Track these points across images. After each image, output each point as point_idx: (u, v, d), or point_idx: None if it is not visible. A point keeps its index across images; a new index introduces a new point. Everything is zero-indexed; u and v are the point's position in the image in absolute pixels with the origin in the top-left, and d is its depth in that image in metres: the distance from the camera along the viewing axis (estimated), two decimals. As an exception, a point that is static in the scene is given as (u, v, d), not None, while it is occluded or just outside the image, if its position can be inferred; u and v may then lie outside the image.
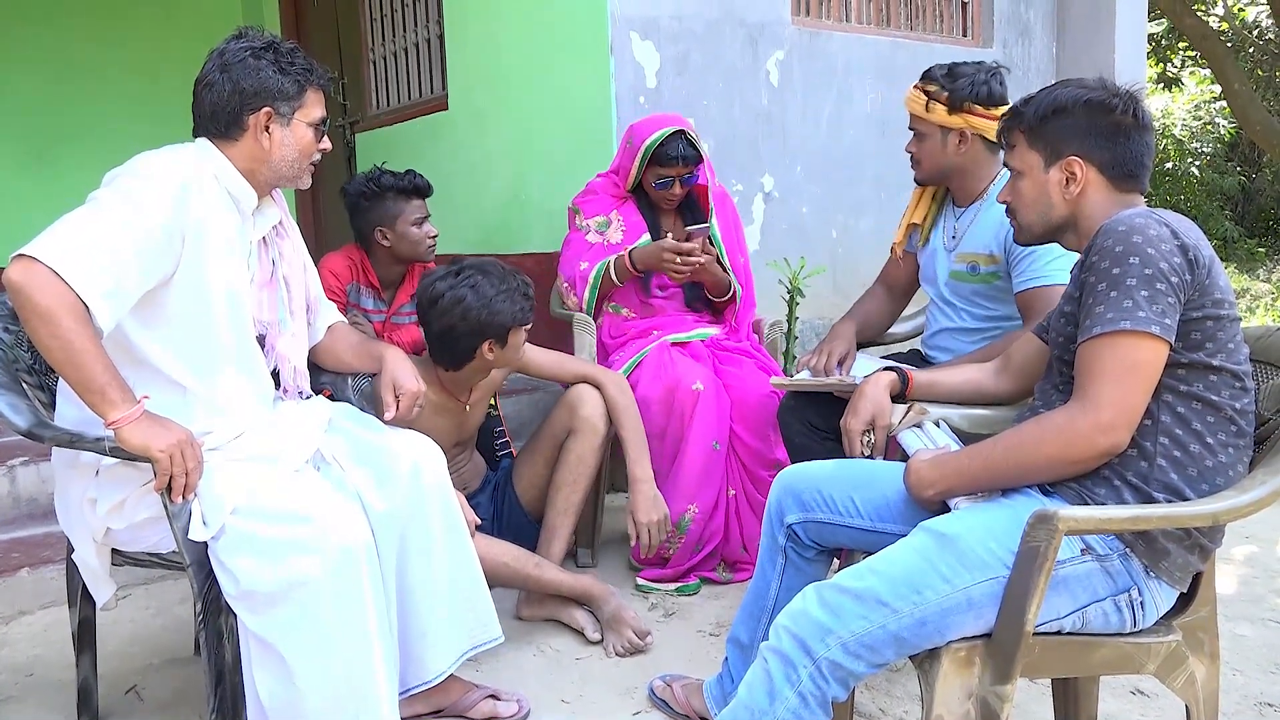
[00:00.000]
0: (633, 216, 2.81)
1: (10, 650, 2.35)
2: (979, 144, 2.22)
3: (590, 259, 2.77)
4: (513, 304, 2.22)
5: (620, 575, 2.69)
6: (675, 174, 2.71)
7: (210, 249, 1.69)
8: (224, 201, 1.74)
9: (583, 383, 2.52)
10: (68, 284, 1.47)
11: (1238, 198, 12.84)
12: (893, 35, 4.43)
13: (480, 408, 2.52)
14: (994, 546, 1.39)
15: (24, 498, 2.76)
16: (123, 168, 1.65)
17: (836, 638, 1.38)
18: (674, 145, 2.67)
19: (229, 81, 1.72)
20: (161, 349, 1.67)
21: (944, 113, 2.20)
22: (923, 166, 2.30)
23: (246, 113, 1.73)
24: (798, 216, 4.06)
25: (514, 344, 2.29)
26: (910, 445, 1.76)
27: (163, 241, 1.61)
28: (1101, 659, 1.45)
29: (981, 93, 2.17)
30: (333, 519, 1.61)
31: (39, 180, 5.49)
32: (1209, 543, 1.45)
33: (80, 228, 1.53)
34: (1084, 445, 1.39)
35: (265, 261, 1.86)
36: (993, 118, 2.15)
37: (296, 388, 1.93)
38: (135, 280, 1.57)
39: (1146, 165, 1.56)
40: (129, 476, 1.66)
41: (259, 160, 1.77)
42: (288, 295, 1.91)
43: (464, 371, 2.31)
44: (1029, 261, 2.13)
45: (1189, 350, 1.41)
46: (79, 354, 1.48)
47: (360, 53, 5.12)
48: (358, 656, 1.60)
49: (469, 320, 2.19)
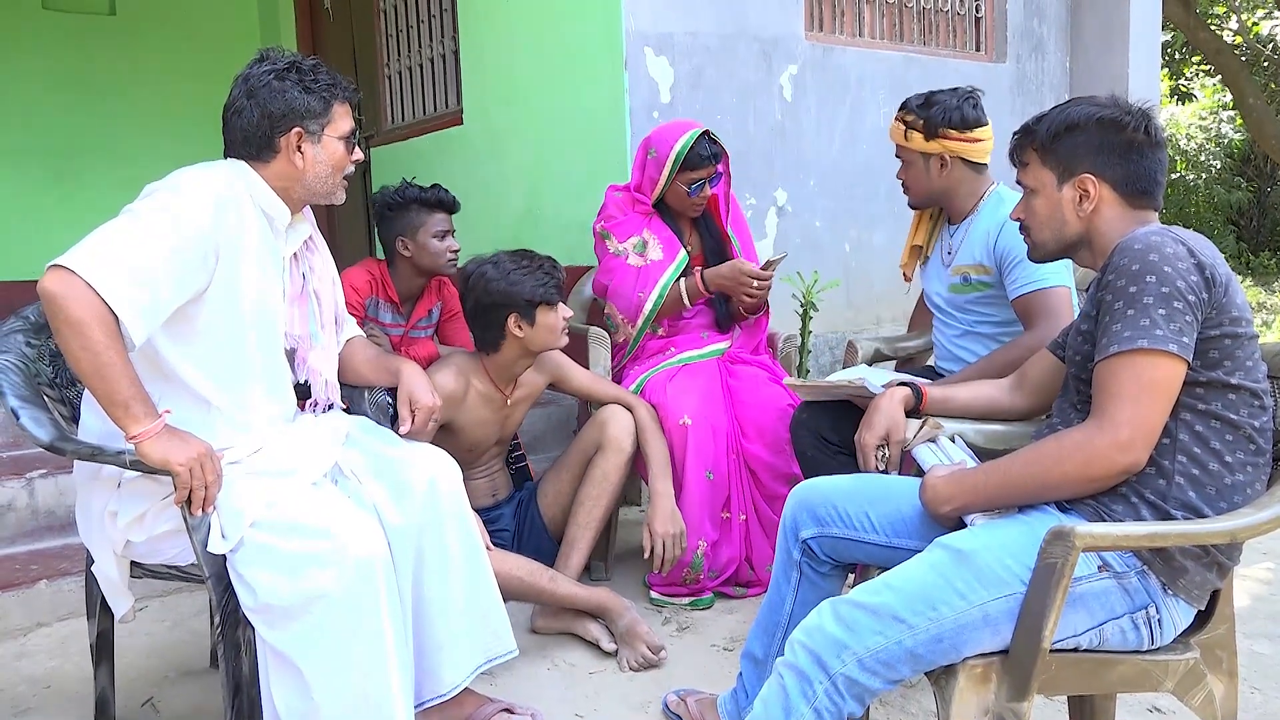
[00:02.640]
0: (664, 232, 2.79)
1: (29, 661, 2.36)
2: (960, 165, 2.31)
3: (645, 286, 2.73)
4: (532, 278, 2.31)
5: (634, 589, 2.70)
6: (706, 174, 2.70)
7: (243, 265, 1.71)
8: (257, 218, 1.76)
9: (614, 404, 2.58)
10: (101, 296, 1.49)
11: (1252, 212, 12.78)
12: (906, 50, 4.44)
13: (520, 409, 2.57)
14: (1011, 563, 1.39)
15: (43, 510, 2.78)
16: (161, 182, 1.66)
17: (852, 654, 1.38)
18: (703, 144, 2.68)
19: (256, 107, 1.74)
20: (190, 364, 1.69)
21: (921, 140, 2.29)
22: (912, 192, 2.40)
23: (277, 135, 1.75)
24: (811, 230, 4.07)
25: (544, 324, 2.33)
26: (926, 460, 1.75)
27: (197, 256, 1.62)
28: (1119, 676, 1.44)
29: (954, 118, 2.26)
30: (350, 533, 1.62)
31: (59, 196, 5.56)
32: (1227, 560, 1.44)
33: (116, 240, 1.54)
34: (1102, 464, 1.38)
35: (296, 276, 1.89)
36: (969, 140, 2.26)
37: (327, 400, 1.96)
38: (168, 294, 1.59)
39: (1160, 182, 1.56)
40: (150, 490, 1.67)
41: (293, 179, 1.79)
42: (318, 309, 1.93)
43: (503, 355, 2.39)
44: (1021, 268, 2.18)
45: (1207, 369, 1.40)
46: (106, 367, 1.50)
47: (376, 68, 5.17)
48: (374, 670, 1.60)
49: (490, 292, 2.30)
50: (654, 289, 2.72)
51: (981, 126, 2.28)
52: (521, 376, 2.50)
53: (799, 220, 4.02)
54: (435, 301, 2.99)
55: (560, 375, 2.58)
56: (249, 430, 1.76)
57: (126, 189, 1.70)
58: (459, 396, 2.37)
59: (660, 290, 2.72)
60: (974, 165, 2.31)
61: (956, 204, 2.35)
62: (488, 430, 2.49)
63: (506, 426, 2.56)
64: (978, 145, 2.29)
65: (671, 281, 2.73)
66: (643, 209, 2.81)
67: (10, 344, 1.82)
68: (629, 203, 2.83)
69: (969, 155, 2.28)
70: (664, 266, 2.74)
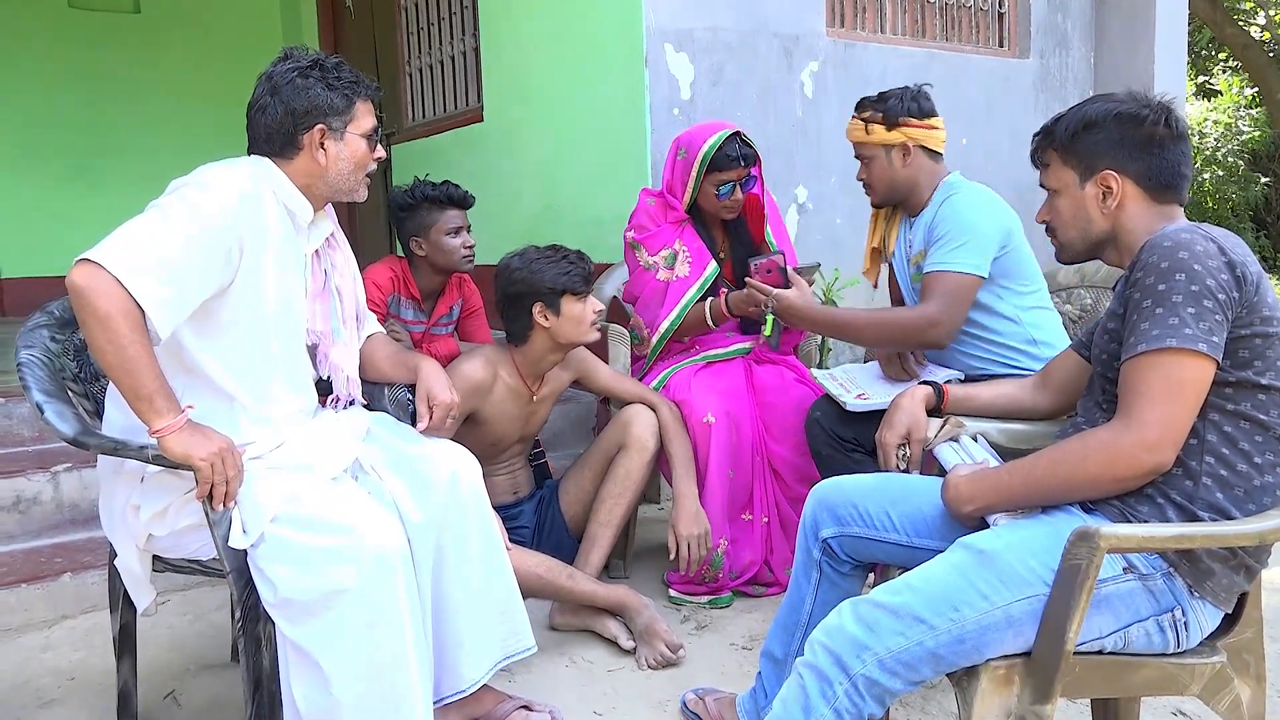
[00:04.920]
0: (695, 242, 2.72)
1: (53, 654, 2.39)
2: (921, 154, 2.35)
3: (669, 304, 2.69)
4: (556, 267, 2.33)
5: (653, 587, 2.69)
6: (736, 177, 2.64)
7: (267, 260, 1.73)
8: (280, 214, 1.77)
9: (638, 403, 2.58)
10: (128, 290, 1.50)
11: (1279, 207, 12.59)
12: (928, 46, 4.41)
13: (545, 406, 2.57)
14: (1034, 564, 1.38)
15: (67, 503, 2.81)
16: (187, 177, 1.68)
17: (873, 654, 1.37)
18: (732, 146, 2.62)
19: (280, 103, 1.76)
20: (213, 358, 1.70)
21: (883, 131, 2.34)
22: (875, 189, 2.42)
23: (300, 132, 1.77)
24: (832, 227, 4.05)
25: (570, 315, 2.35)
26: (947, 460, 1.74)
27: (221, 251, 1.64)
28: (1144, 679, 1.43)
29: (912, 107, 2.32)
30: (370, 528, 1.62)
31: (79, 193, 5.63)
32: (1255, 563, 1.42)
33: (142, 235, 1.56)
34: (1128, 464, 1.36)
35: (318, 273, 1.90)
36: (928, 127, 2.33)
37: (348, 396, 1.97)
38: (194, 288, 1.60)
39: (1185, 175, 1.54)
40: (172, 484, 1.69)
41: (316, 176, 1.81)
42: (340, 305, 1.94)
43: (532, 348, 2.41)
44: (937, 248, 2.24)
45: (1237, 368, 1.38)
46: (131, 360, 1.51)
47: (397, 66, 5.19)
48: (393, 666, 1.61)
49: (515, 281, 2.34)
50: (673, 310, 2.68)
51: (936, 116, 2.35)
52: (547, 377, 2.50)
53: (820, 218, 4.00)
54: (456, 298, 3.00)
55: (585, 371, 2.59)
56: (270, 425, 1.77)
57: (148, 186, 1.71)
58: (486, 386, 2.38)
59: (679, 311, 2.68)
60: (933, 154, 2.36)
61: (917, 195, 2.38)
62: (512, 425, 2.49)
63: (530, 423, 2.56)
64: (935, 133, 2.34)
65: (693, 301, 2.68)
66: (675, 216, 2.73)
67: (35, 339, 1.83)
68: (661, 209, 2.76)
69: (928, 143, 2.33)
70: (687, 285, 2.68)
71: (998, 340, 2.29)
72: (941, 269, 2.21)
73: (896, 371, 2.39)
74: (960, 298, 2.19)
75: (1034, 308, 2.31)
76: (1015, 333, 2.28)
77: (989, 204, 2.27)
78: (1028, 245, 2.31)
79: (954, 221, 2.23)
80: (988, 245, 2.21)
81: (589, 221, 3.74)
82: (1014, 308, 2.29)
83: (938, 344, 2.25)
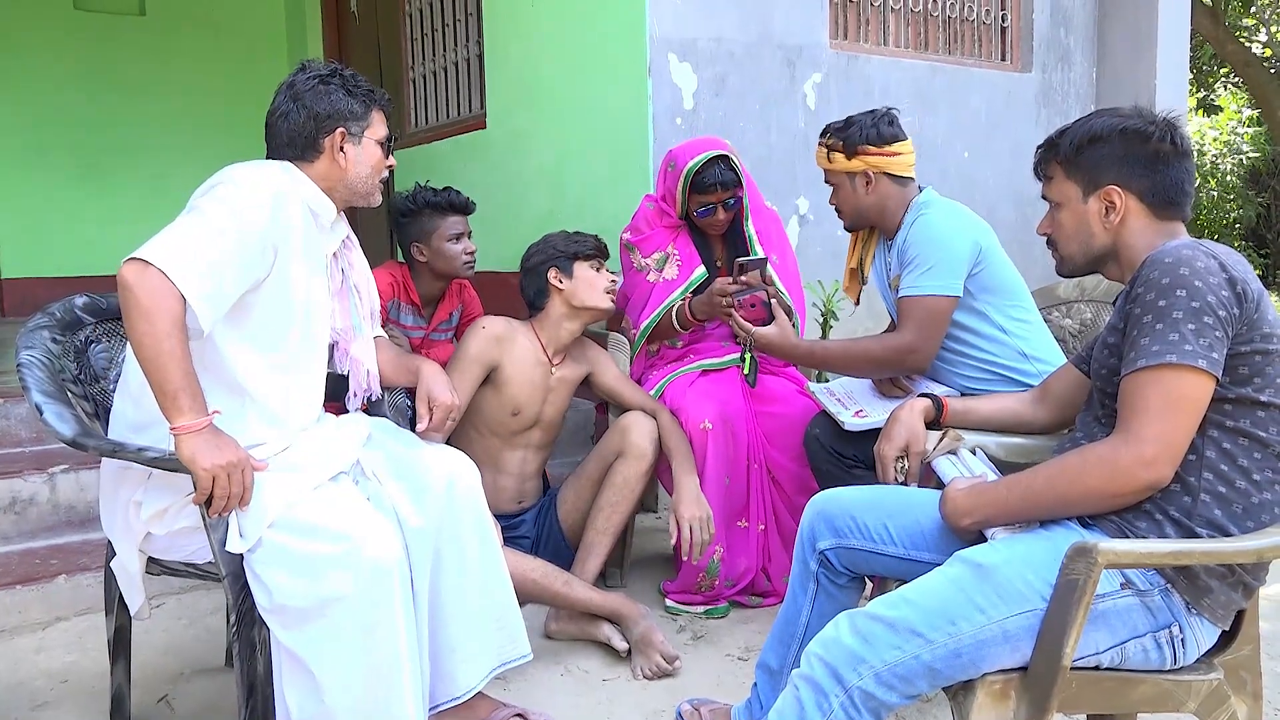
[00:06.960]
0: (687, 248, 2.74)
1: (47, 656, 2.38)
2: (885, 181, 2.33)
3: (651, 305, 2.72)
4: (569, 238, 2.54)
5: (649, 597, 2.68)
6: (716, 200, 2.65)
7: (296, 258, 1.77)
8: (304, 215, 1.81)
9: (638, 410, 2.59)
10: (175, 286, 1.55)
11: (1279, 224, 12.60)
12: (931, 59, 4.42)
13: (562, 391, 2.61)
14: (1031, 578, 1.38)
15: (63, 505, 2.81)
16: (219, 177, 1.72)
17: (869, 667, 1.37)
18: (711, 172, 2.61)
19: (303, 109, 1.82)
20: (235, 352, 1.73)
21: (843, 159, 2.33)
22: (844, 214, 2.43)
23: (322, 135, 1.83)
24: (832, 239, 4.04)
25: (582, 277, 2.50)
26: (946, 473, 1.74)
27: (258, 249, 1.68)
28: (1141, 696, 1.42)
29: (871, 135, 2.29)
30: (366, 536, 1.62)
31: (89, 191, 5.63)
32: (1252, 580, 1.42)
33: (187, 234, 1.61)
34: (1126, 479, 1.36)
35: (336, 273, 1.95)
36: (889, 154, 2.30)
37: (367, 390, 2.02)
38: (233, 284, 1.64)
39: (1188, 192, 1.54)
40: (177, 485, 1.69)
41: (336, 178, 1.86)
42: (359, 302, 2.01)
43: (549, 314, 2.53)
44: (909, 271, 2.23)
45: (1236, 385, 1.38)
46: (165, 355, 1.54)
47: (401, 71, 5.20)
48: (387, 674, 1.61)
49: (531, 256, 2.55)
50: (655, 309, 2.70)
51: (900, 141, 2.31)
52: (565, 358, 2.56)
53: (821, 229, 4.00)
54: (456, 305, 3.00)
55: (596, 367, 2.65)
56: (278, 424, 1.78)
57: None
58: (507, 336, 2.47)
59: (660, 311, 2.70)
60: (899, 179, 2.33)
61: (887, 219, 2.36)
62: (534, 394, 2.52)
63: (550, 403, 2.57)
64: (898, 159, 2.31)
65: (676, 302, 2.68)
66: (670, 221, 2.76)
67: (36, 340, 1.84)
68: (658, 214, 2.78)
69: (891, 169, 2.31)
70: (672, 287, 2.70)
71: (987, 357, 2.27)
72: (913, 294, 2.20)
73: (889, 389, 2.39)
74: (934, 321, 2.18)
75: (1019, 320, 2.28)
76: (1003, 348, 2.26)
77: (957, 219, 2.25)
78: (1005, 257, 2.29)
79: (922, 243, 2.21)
80: (957, 263, 2.19)
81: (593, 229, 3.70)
82: (998, 323, 2.26)
83: (918, 369, 2.25)
